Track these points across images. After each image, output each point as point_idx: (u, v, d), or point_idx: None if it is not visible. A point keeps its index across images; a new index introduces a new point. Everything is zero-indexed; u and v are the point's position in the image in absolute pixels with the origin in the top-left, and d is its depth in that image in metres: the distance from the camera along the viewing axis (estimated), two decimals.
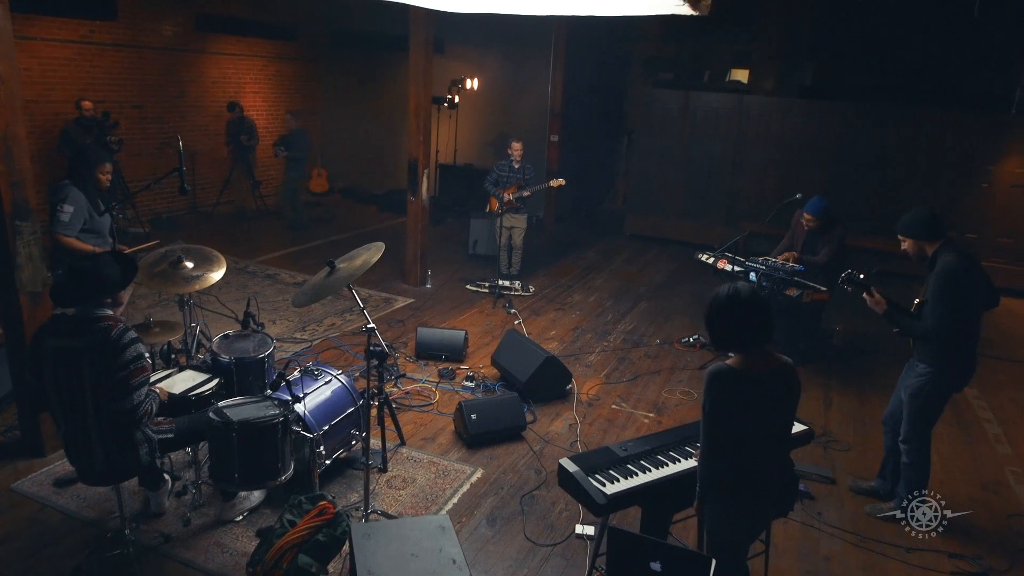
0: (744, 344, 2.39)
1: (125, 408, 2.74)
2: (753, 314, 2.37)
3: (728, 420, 2.36)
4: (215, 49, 10.33)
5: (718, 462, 2.41)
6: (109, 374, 2.71)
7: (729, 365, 2.38)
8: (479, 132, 11.70)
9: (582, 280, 8.43)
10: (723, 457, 2.40)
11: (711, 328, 2.44)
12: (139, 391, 2.78)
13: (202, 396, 3.33)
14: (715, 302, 2.42)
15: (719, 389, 2.35)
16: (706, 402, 2.37)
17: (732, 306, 2.37)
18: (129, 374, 2.74)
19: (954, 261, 3.48)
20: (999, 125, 8.71)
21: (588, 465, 2.66)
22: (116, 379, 2.72)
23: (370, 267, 3.21)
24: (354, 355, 5.71)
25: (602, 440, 4.63)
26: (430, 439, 4.52)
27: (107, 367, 2.71)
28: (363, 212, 11.53)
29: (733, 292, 2.39)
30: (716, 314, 2.41)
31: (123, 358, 2.73)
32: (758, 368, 2.38)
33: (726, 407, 2.35)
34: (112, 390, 2.73)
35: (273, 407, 3.17)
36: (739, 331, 2.38)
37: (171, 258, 3.69)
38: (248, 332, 3.77)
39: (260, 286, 7.32)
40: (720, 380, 2.35)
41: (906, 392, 3.80)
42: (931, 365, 3.66)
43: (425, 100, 7.21)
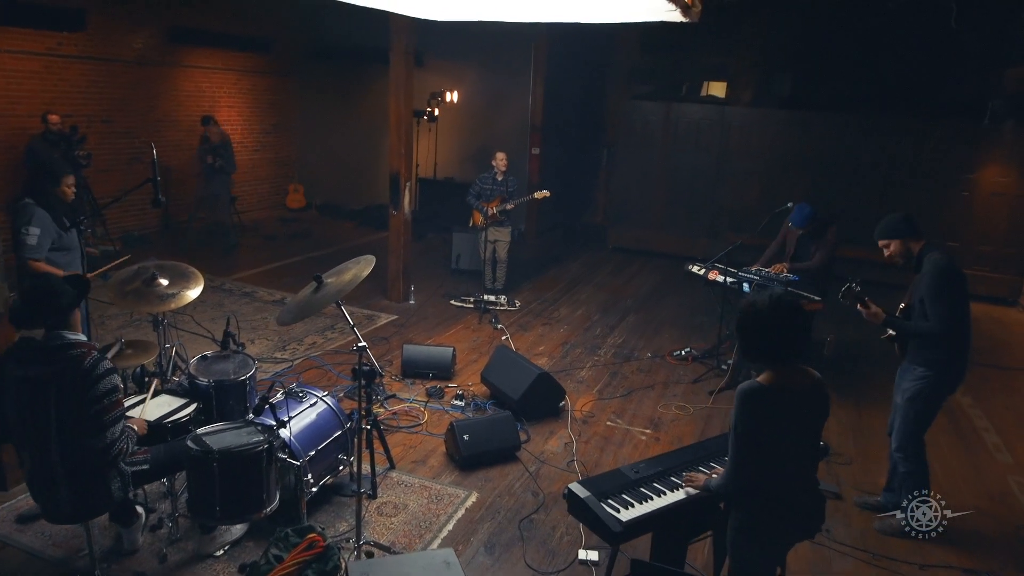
0: (780, 358, 2.25)
1: (98, 446, 2.51)
2: (795, 326, 2.22)
3: (759, 440, 2.21)
4: (188, 62, 10.08)
5: (745, 482, 2.26)
6: (80, 408, 2.48)
7: (760, 383, 2.23)
8: (459, 146, 11.57)
9: (567, 294, 8.30)
10: (750, 477, 2.25)
11: (746, 337, 2.28)
12: (114, 428, 2.55)
13: (179, 423, 3.10)
14: (753, 310, 2.25)
15: (751, 408, 2.20)
16: (737, 422, 2.22)
17: (774, 316, 2.20)
18: (103, 409, 2.51)
19: (944, 259, 3.49)
20: (977, 134, 8.80)
21: (600, 490, 2.49)
22: (88, 414, 2.49)
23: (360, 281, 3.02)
24: (337, 375, 5.49)
25: (599, 459, 4.46)
26: (420, 462, 4.31)
27: (77, 400, 2.48)
28: (341, 228, 11.31)
29: (776, 301, 2.23)
30: (754, 323, 2.24)
31: (96, 390, 2.50)
32: (791, 385, 2.24)
33: (758, 427, 2.20)
34: (83, 426, 2.50)
35: (256, 433, 2.96)
36: (778, 344, 2.23)
37: (144, 275, 3.47)
38: (228, 352, 3.55)
39: (237, 304, 7.06)
40: (752, 399, 2.20)
41: (903, 396, 3.72)
42: (929, 368, 3.59)
43: (406, 112, 7.05)
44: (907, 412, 3.65)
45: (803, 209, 5.67)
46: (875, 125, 9.23)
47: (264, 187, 11.97)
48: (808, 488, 2.37)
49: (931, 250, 3.54)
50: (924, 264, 3.49)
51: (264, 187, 11.97)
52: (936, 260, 3.45)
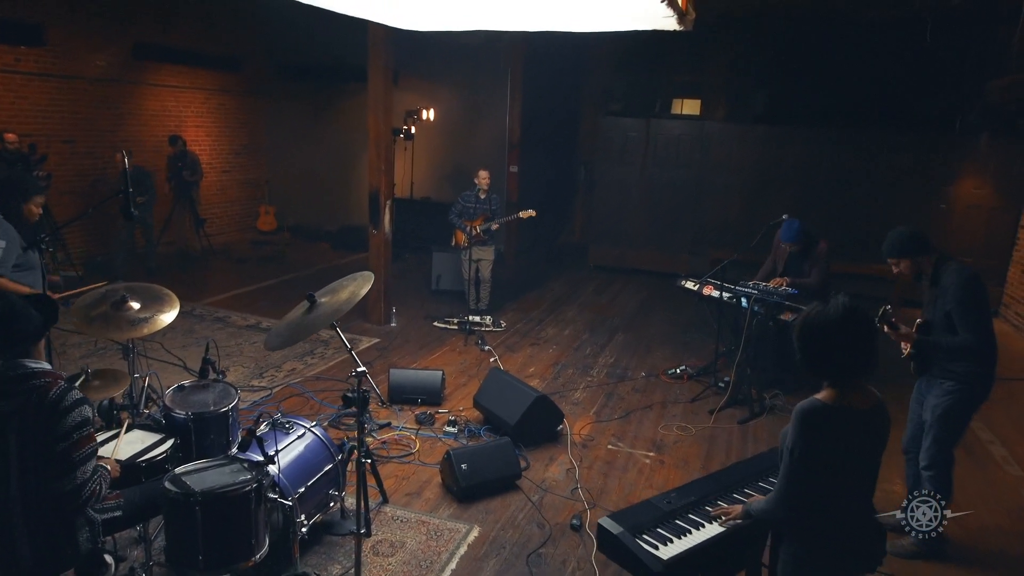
0: (847, 375, 2.04)
1: (66, 490, 2.19)
2: (868, 338, 2.01)
3: (819, 465, 2.00)
4: (154, 80, 9.73)
5: (796, 509, 2.04)
6: (45, 446, 2.16)
7: (822, 401, 2.03)
8: (436, 165, 11.37)
9: (553, 313, 8.09)
10: (804, 504, 2.03)
11: (809, 350, 2.04)
12: (84, 467, 2.23)
13: (154, 461, 2.78)
14: (821, 320, 2.01)
15: (811, 429, 1.99)
16: (795, 445, 2.00)
17: (847, 327, 1.98)
18: (72, 446, 2.19)
19: (966, 269, 3.38)
20: (953, 147, 8.89)
21: (633, 524, 2.25)
22: (55, 453, 2.17)
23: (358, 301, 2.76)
24: (320, 403, 5.17)
25: (604, 485, 4.22)
26: (415, 494, 4.02)
27: (42, 437, 2.16)
28: (315, 250, 10.97)
29: (849, 311, 1.99)
30: (822, 335, 2.01)
31: (64, 425, 2.18)
32: (854, 404, 2.03)
33: (819, 450, 1.99)
34: (49, 466, 2.17)
35: (242, 471, 2.66)
36: (850, 358, 2.02)
37: (113, 298, 3.15)
38: (207, 382, 3.24)
39: (210, 330, 6.69)
40: (813, 419, 1.99)
41: (932, 413, 3.57)
42: (959, 381, 3.45)
43: (385, 128, 6.82)
44: (938, 429, 3.50)
45: (792, 224, 5.55)
46: (853, 139, 9.28)
47: (234, 209, 11.59)
48: (867, 517, 2.16)
49: (947, 261, 3.42)
50: (944, 276, 3.36)
51: (234, 209, 11.59)
52: (959, 271, 3.34)
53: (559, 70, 11.41)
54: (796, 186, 9.47)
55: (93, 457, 2.29)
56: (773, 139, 9.64)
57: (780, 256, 5.85)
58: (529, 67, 10.19)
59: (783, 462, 2.06)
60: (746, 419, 5.24)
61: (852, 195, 9.32)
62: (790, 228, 5.51)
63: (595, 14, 4.67)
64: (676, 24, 4.64)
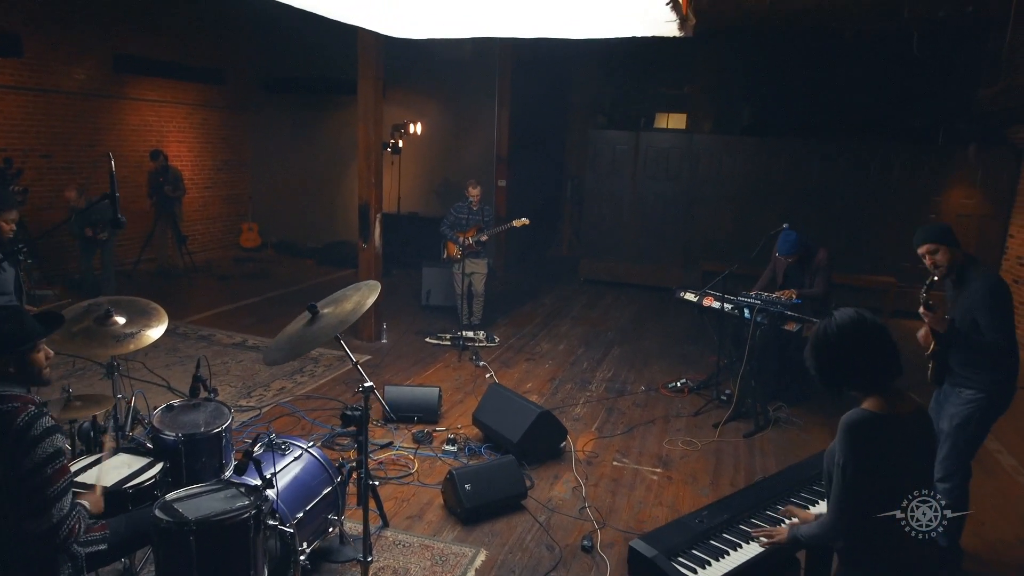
0: (880, 380, 1.93)
1: (41, 530, 1.97)
2: (886, 342, 1.92)
3: (875, 479, 1.86)
4: (134, 94, 9.51)
5: (857, 533, 1.90)
6: (15, 481, 1.96)
7: (869, 410, 1.90)
8: (423, 179, 11.23)
9: (546, 328, 7.94)
10: (865, 526, 1.89)
11: (831, 365, 1.95)
12: (60, 503, 2.01)
13: (142, 488, 2.58)
14: (833, 331, 1.94)
15: (863, 441, 1.86)
16: (847, 461, 1.86)
17: (862, 332, 1.90)
18: (44, 481, 1.98)
19: (993, 273, 3.33)
20: (942, 157, 8.93)
21: (667, 546, 2.10)
22: (25, 488, 1.96)
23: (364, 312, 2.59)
24: (312, 422, 4.97)
25: (612, 503, 4.06)
26: (416, 517, 3.83)
27: (10, 472, 1.96)
28: (300, 267, 10.75)
29: (858, 317, 1.94)
30: (839, 346, 1.93)
31: (34, 457, 1.96)
32: (899, 410, 1.91)
33: (873, 463, 1.86)
34: (19, 505, 1.97)
35: (239, 496, 2.47)
36: (873, 364, 1.91)
37: (96, 313, 2.95)
38: (198, 401, 3.04)
39: (194, 349, 6.45)
40: (863, 430, 1.86)
41: (950, 422, 3.46)
42: (980, 390, 3.34)
43: (376, 139, 6.67)
44: (957, 439, 3.39)
45: (788, 236, 5.45)
46: (842, 150, 9.30)
47: (216, 226, 11.35)
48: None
49: (975, 263, 3.35)
50: (971, 279, 3.27)
51: (216, 226, 11.35)
52: (987, 276, 3.27)
53: (545, 85, 11.39)
54: (786, 198, 9.45)
55: (69, 492, 2.08)
56: (763, 151, 9.64)
57: (779, 267, 5.77)
58: (516, 81, 10.13)
59: (835, 482, 1.92)
60: (751, 432, 5.12)
61: (842, 206, 9.32)
62: (787, 240, 5.42)
63: (595, 21, 4.58)
64: (677, 30, 4.56)
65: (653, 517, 3.93)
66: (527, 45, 10.29)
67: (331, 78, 10.84)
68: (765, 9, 8.02)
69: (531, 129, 10.93)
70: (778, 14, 8.25)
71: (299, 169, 11.70)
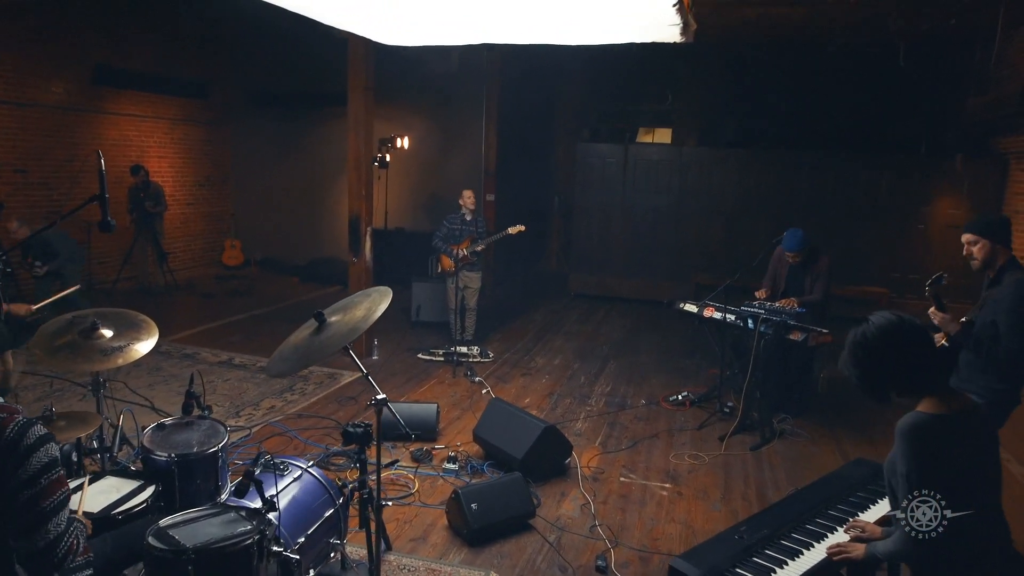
0: (933, 382, 1.82)
1: (38, 547, 1.78)
2: (930, 341, 1.82)
3: (943, 483, 1.73)
4: (114, 108, 9.29)
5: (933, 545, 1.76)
6: (7, 496, 1.77)
7: (926, 413, 1.78)
8: (410, 194, 11.08)
9: (540, 342, 7.80)
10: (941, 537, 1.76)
11: (877, 371, 1.86)
12: (57, 517, 1.82)
13: (132, 513, 2.38)
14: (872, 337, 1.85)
15: (924, 445, 1.74)
16: (911, 469, 1.74)
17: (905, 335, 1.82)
18: (39, 493, 1.79)
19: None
20: (929, 168, 8.98)
21: (710, 565, 1.95)
22: (19, 502, 1.78)
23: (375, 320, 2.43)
24: (305, 441, 4.76)
25: (624, 521, 3.90)
26: (420, 539, 3.63)
27: (4, 479, 1.77)
28: (284, 284, 10.52)
29: (898, 319, 1.85)
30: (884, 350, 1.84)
31: (28, 469, 1.78)
32: (959, 410, 1.80)
33: (939, 467, 1.73)
34: (13, 521, 1.78)
35: (239, 520, 2.28)
36: (925, 365, 1.81)
37: (82, 325, 2.76)
38: (191, 419, 2.85)
39: (178, 368, 6.21)
40: (923, 434, 1.74)
41: None
42: (982, 395, 3.22)
43: (366, 150, 6.53)
44: None
45: (795, 234, 5.40)
46: (831, 162, 9.32)
47: (198, 243, 11.10)
48: (1006, 541, 1.90)
49: (1017, 266, 3.21)
50: (1007, 281, 3.16)
51: (198, 243, 11.10)
52: (1019, 282, 3.12)
53: (532, 100, 11.35)
54: (776, 210, 9.43)
55: (66, 505, 1.89)
56: (752, 163, 9.64)
57: (781, 271, 5.68)
58: (504, 95, 10.08)
59: (901, 494, 1.79)
60: (758, 445, 4.99)
61: (831, 218, 9.32)
62: (793, 237, 5.37)
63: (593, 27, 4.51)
64: (679, 35, 4.51)
65: (667, 534, 3.78)
66: (514, 59, 10.27)
67: (316, 92, 10.70)
68: (753, 22, 8.07)
69: (518, 143, 10.87)
70: (765, 27, 8.29)
71: (283, 185, 11.50)
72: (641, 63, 10.91)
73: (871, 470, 2.65)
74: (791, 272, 5.61)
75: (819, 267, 5.49)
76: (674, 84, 11.53)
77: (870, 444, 5.14)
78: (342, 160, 10.86)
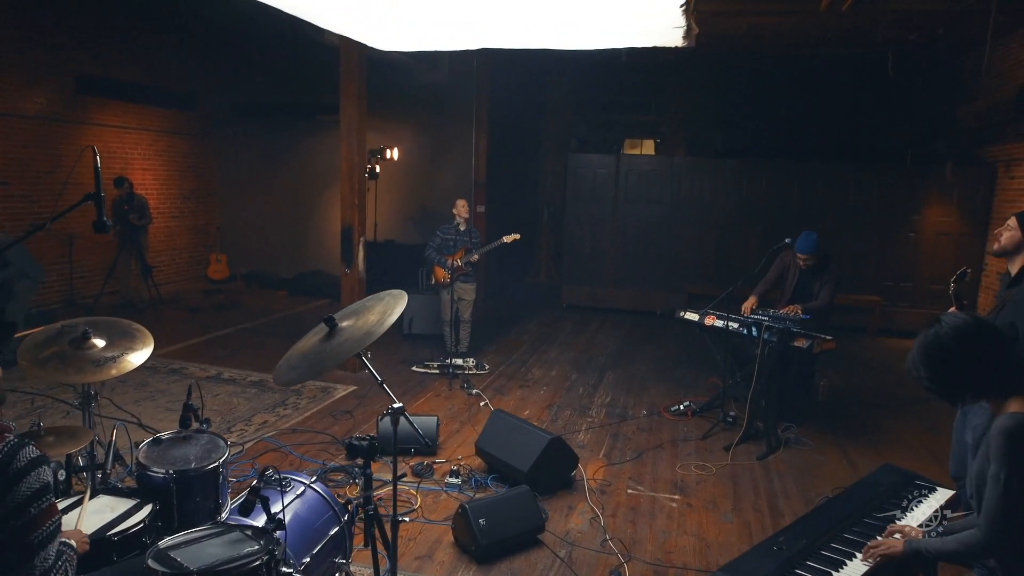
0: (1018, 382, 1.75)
1: None
2: (1007, 342, 1.76)
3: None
4: (98, 119, 9.10)
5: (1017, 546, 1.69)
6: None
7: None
8: (400, 206, 10.95)
9: (535, 354, 7.68)
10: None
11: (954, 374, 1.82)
12: (45, 551, 1.66)
13: (129, 534, 2.22)
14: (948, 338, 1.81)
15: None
16: (1009, 471, 1.67)
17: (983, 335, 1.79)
18: (28, 523, 1.63)
19: None
20: (919, 176, 9.03)
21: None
22: (4, 533, 1.62)
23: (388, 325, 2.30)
24: (301, 457, 4.59)
25: (635, 534, 3.78)
26: (427, 557, 3.49)
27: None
28: (272, 298, 10.32)
29: (973, 319, 1.82)
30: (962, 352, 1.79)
31: (17, 495, 1.62)
32: None
33: None
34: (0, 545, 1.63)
35: (244, 539, 2.13)
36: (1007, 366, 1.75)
37: (71, 335, 2.61)
38: (189, 433, 2.70)
39: (165, 383, 6.01)
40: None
41: (974, 433, 3.31)
42: None
43: (360, 159, 6.42)
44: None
45: (809, 236, 5.38)
46: (822, 171, 9.34)
47: (183, 257, 10.88)
48: None
49: None
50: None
51: (183, 257, 10.88)
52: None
53: (520, 111, 11.31)
54: (768, 220, 9.44)
55: (56, 536, 1.73)
56: (743, 173, 9.64)
57: (792, 273, 5.63)
58: (494, 106, 10.02)
59: (989, 495, 1.71)
60: (765, 454, 4.91)
61: (823, 227, 9.20)
62: (808, 239, 5.34)
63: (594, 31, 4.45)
64: (682, 39, 4.46)
65: (680, 547, 3.66)
66: (503, 69, 10.23)
67: (303, 103, 10.58)
68: (744, 32, 8.10)
69: (508, 154, 10.81)
70: (755, 37, 8.32)
71: (269, 197, 11.33)
72: (628, 74, 10.92)
73: (902, 476, 2.57)
74: (801, 277, 5.56)
75: (828, 273, 5.45)
76: (661, 96, 11.56)
77: (876, 452, 5.07)
78: (330, 172, 10.81)
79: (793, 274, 5.55)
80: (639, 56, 9.83)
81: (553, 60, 10.91)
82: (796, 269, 5.52)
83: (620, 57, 9.55)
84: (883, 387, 6.80)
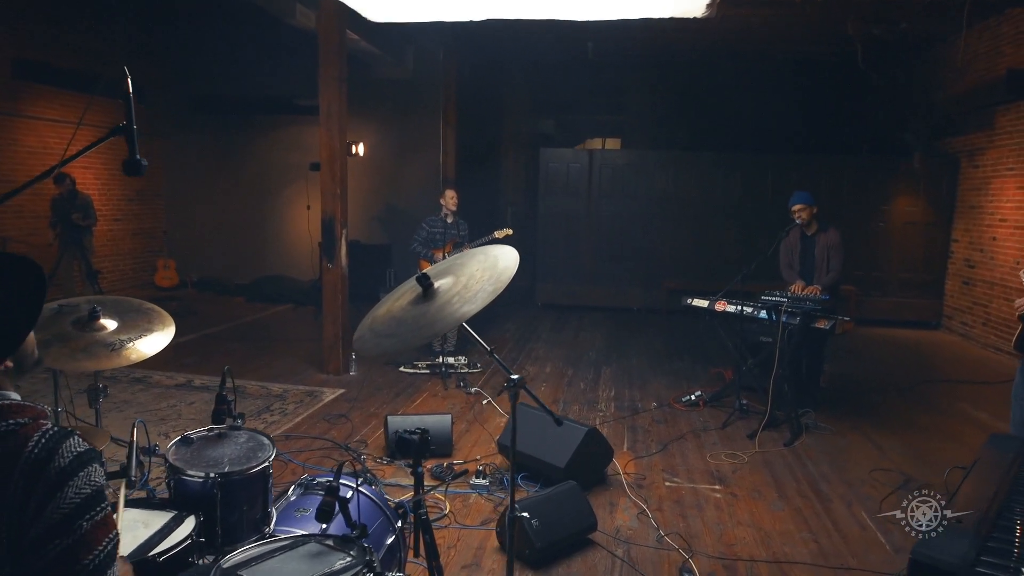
0: None
1: None
2: None
3: None
4: (33, 112, 8.30)
5: None
6: (28, 548, 1.17)
7: None
8: (365, 205, 10.44)
9: (522, 353, 7.39)
10: None
11: None
12: (105, 574, 1.22)
13: (174, 555, 1.79)
14: None
15: None
16: None
17: None
18: (78, 542, 1.17)
19: None
20: (889, 168, 9.19)
21: (956, 556, 1.57)
22: (46, 558, 1.16)
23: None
24: (301, 464, 4.14)
25: (688, 528, 3.50)
26: (473, 565, 3.12)
27: (21, 528, 1.17)
28: (229, 304, 9.65)
29: None
30: None
31: (62, 505, 1.17)
32: None
33: None
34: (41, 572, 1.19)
35: (327, 552, 1.74)
36: None
37: (75, 314, 2.14)
38: (223, 430, 2.26)
39: (128, 393, 5.40)
40: None
41: None
42: None
43: (340, 145, 5.98)
44: None
45: (801, 191, 5.47)
46: (796, 164, 9.39)
47: (127, 263, 10.07)
48: None
49: None
50: None
51: (127, 263, 10.07)
52: None
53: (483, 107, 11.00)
54: (743, 213, 9.43)
55: (115, 560, 1.27)
56: (719, 166, 9.60)
57: (793, 248, 5.55)
58: (460, 99, 9.68)
59: None
60: (790, 441, 4.73)
61: None
62: (801, 192, 5.40)
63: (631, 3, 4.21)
64: (704, 9, 4.28)
65: (740, 539, 3.41)
66: (468, 63, 9.91)
67: (259, 97, 9.99)
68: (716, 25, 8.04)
69: (476, 151, 10.48)
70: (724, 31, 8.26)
71: (221, 199, 10.64)
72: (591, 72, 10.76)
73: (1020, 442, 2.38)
74: (803, 249, 5.50)
75: (830, 239, 5.40)
76: (624, 95, 11.45)
77: (893, 434, 4.97)
78: (289, 170, 10.23)
79: (796, 251, 5.48)
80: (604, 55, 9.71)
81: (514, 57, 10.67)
82: (797, 245, 5.47)
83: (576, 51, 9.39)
84: (873, 373, 6.80)
